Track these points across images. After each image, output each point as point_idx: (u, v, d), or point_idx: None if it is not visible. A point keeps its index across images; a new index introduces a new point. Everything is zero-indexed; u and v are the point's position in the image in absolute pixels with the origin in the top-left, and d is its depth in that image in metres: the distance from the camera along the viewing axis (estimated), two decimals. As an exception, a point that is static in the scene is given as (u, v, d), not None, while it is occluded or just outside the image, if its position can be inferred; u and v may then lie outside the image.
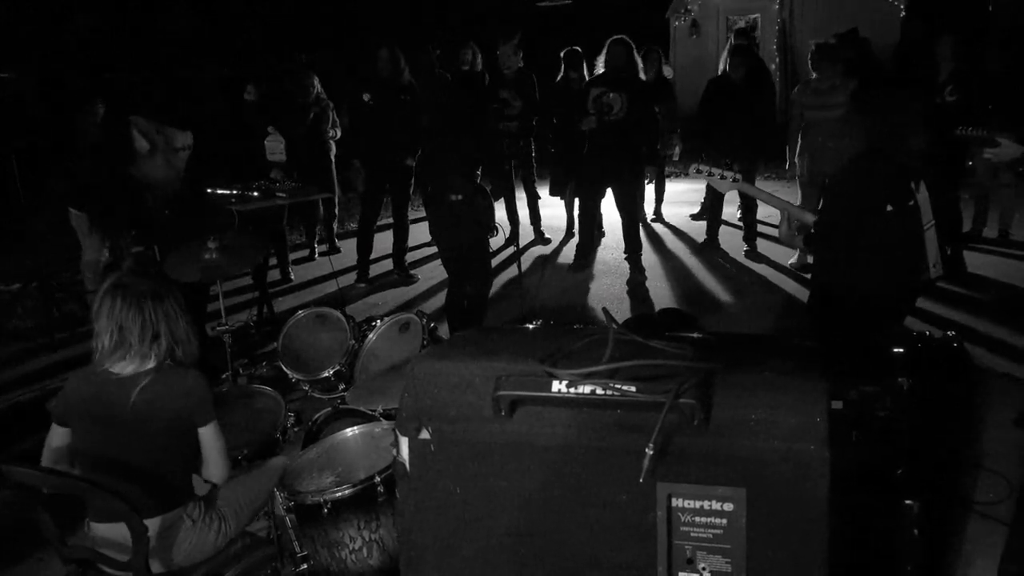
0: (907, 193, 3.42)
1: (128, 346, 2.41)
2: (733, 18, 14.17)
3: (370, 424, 3.14)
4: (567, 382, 1.77)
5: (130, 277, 2.48)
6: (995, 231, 7.18)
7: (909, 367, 2.83)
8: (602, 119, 6.33)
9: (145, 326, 2.41)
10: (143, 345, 2.41)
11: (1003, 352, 4.76)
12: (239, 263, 3.95)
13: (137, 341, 2.40)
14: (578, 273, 7.06)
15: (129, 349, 2.41)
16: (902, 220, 3.42)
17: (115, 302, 2.41)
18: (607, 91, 6.34)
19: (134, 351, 2.42)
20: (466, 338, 2.25)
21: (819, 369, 1.81)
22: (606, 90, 6.35)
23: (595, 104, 6.35)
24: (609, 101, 6.32)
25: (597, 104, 6.34)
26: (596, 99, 6.36)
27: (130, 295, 2.42)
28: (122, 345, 2.41)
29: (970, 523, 3.17)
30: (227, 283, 4.08)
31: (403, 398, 1.92)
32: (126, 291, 2.42)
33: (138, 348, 2.41)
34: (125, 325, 2.40)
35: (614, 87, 6.34)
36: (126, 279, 2.47)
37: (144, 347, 2.42)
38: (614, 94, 6.33)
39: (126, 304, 2.41)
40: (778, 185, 9.95)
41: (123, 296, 2.42)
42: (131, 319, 2.40)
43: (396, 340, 3.91)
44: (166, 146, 4.64)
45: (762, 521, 1.71)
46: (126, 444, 2.42)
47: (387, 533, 2.74)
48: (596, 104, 6.35)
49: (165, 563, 2.45)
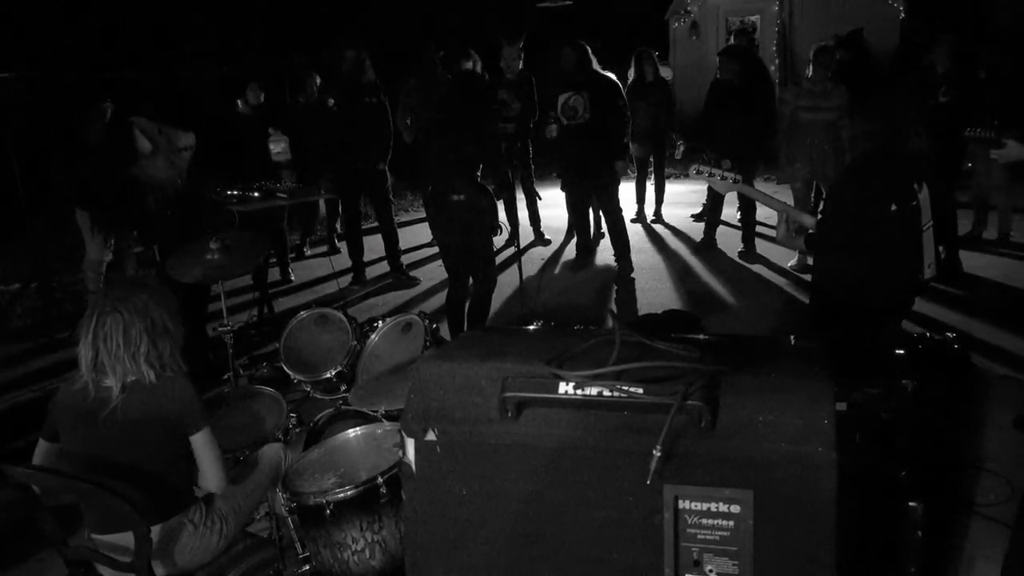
0: (910, 193, 3.43)
1: (116, 358, 2.38)
2: (733, 19, 14.18)
3: (372, 425, 3.13)
4: (574, 383, 1.77)
5: (118, 289, 2.46)
6: (995, 233, 7.19)
7: (911, 369, 2.84)
8: (570, 123, 6.41)
9: (133, 340, 2.38)
10: (130, 359, 2.38)
11: (1003, 353, 4.76)
12: (240, 263, 3.94)
13: (125, 354, 2.38)
14: (578, 274, 7.06)
15: (117, 363, 2.38)
16: (904, 220, 3.42)
17: (102, 313, 2.39)
18: (572, 95, 6.42)
19: (122, 363, 2.38)
20: (471, 339, 2.25)
21: (825, 371, 1.81)
22: (572, 94, 6.43)
23: (563, 109, 6.44)
24: (573, 104, 6.40)
25: (565, 109, 6.43)
26: (564, 104, 6.44)
27: (119, 309, 2.39)
28: (109, 358, 2.38)
29: (972, 524, 3.17)
30: (227, 283, 4.06)
31: (409, 399, 1.92)
32: (115, 306, 2.40)
33: (126, 361, 2.38)
34: (112, 335, 2.37)
35: (577, 90, 6.42)
36: (114, 291, 2.45)
37: (130, 360, 2.39)
38: (576, 96, 6.40)
39: (114, 320, 2.38)
40: (776, 187, 9.96)
41: (112, 312, 2.39)
42: (118, 330, 2.38)
43: (398, 341, 3.90)
44: (168, 146, 4.65)
45: (769, 523, 1.71)
46: (117, 453, 2.40)
47: (389, 534, 2.73)
48: (564, 109, 6.44)
49: (167, 566, 2.44)
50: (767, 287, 6.45)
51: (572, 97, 6.41)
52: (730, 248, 7.44)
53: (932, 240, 3.54)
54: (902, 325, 3.93)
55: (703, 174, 3.87)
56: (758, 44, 14.11)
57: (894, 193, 3.40)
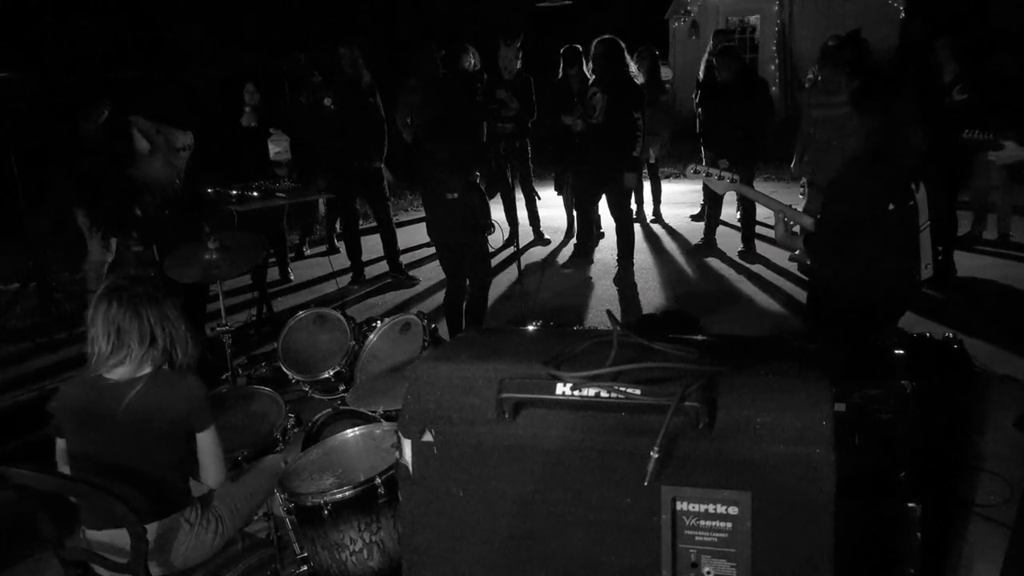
0: (908, 193, 3.43)
1: (127, 348, 2.38)
2: (733, 19, 14.18)
3: (371, 425, 3.12)
4: (571, 384, 1.76)
5: (125, 280, 2.45)
6: (995, 234, 7.18)
7: (911, 369, 2.83)
8: (586, 121, 6.37)
9: (143, 328, 2.38)
10: (141, 348, 2.38)
11: (1002, 354, 4.75)
12: (238, 264, 3.93)
13: (136, 344, 2.38)
14: (577, 274, 7.06)
15: (129, 352, 2.38)
16: (902, 220, 3.42)
17: (111, 306, 2.38)
18: (597, 91, 6.36)
19: (133, 355, 2.38)
20: (469, 340, 2.25)
21: (823, 372, 1.80)
22: (597, 91, 6.37)
23: (583, 104, 6.37)
24: (593, 103, 6.34)
25: (585, 104, 6.37)
26: (588, 99, 6.38)
27: (126, 298, 2.39)
28: (120, 348, 2.37)
29: (971, 525, 3.17)
30: (226, 283, 4.06)
31: (406, 400, 1.92)
32: (122, 294, 2.39)
33: (137, 351, 2.38)
34: (123, 327, 2.37)
35: (602, 89, 6.36)
36: (121, 282, 2.44)
37: (142, 350, 2.39)
38: (598, 95, 6.34)
39: (122, 307, 2.37)
40: (777, 186, 9.96)
41: (119, 299, 2.38)
42: (128, 322, 2.37)
43: (397, 341, 3.90)
44: (166, 146, 4.64)
45: (767, 525, 1.70)
46: (122, 450, 2.39)
47: (388, 535, 2.72)
48: (584, 104, 6.36)
49: (163, 566, 2.44)
50: (767, 287, 6.45)
51: (595, 95, 6.34)
52: (730, 248, 7.44)
53: (929, 240, 3.53)
54: (902, 325, 3.92)
55: (700, 173, 3.87)
56: (757, 44, 14.13)
57: (891, 193, 3.39)
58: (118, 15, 13.78)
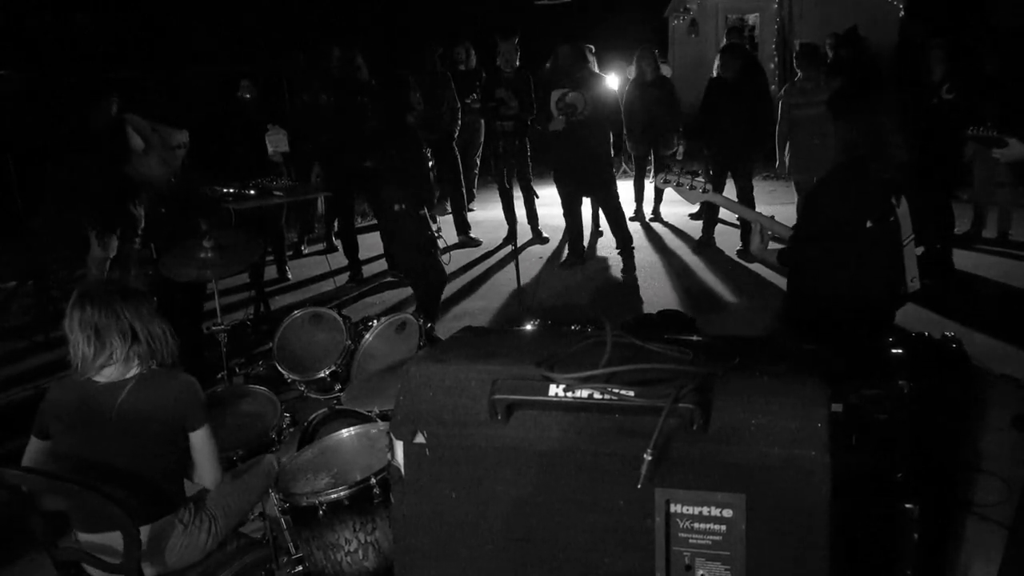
0: (887, 208, 3.31)
1: (110, 347, 2.35)
2: (732, 17, 14.15)
3: (366, 425, 3.11)
4: (564, 386, 1.75)
5: (93, 285, 2.45)
6: (994, 232, 7.17)
7: (908, 369, 2.82)
8: (569, 119, 6.38)
9: (122, 325, 2.36)
10: (124, 345, 2.36)
11: (1001, 353, 4.74)
12: (235, 262, 3.92)
13: (119, 341, 2.35)
14: (575, 272, 7.04)
15: (112, 351, 2.36)
16: (880, 236, 3.30)
17: (84, 309, 2.36)
18: (567, 91, 6.38)
19: (117, 353, 2.36)
20: (463, 340, 2.23)
21: (819, 373, 1.79)
22: (567, 90, 6.38)
23: (559, 105, 6.39)
24: (572, 101, 6.35)
25: (562, 105, 6.38)
26: (559, 100, 6.39)
27: (98, 299, 2.37)
28: (103, 349, 2.35)
29: (968, 525, 3.16)
30: (223, 281, 4.04)
31: (398, 401, 1.90)
32: (93, 297, 2.38)
33: (120, 349, 2.36)
34: (101, 327, 2.34)
35: (573, 87, 6.38)
36: (89, 287, 2.43)
37: (125, 347, 2.37)
38: (574, 94, 6.36)
39: (96, 308, 2.36)
40: (775, 185, 9.94)
41: (91, 302, 2.37)
42: (105, 320, 2.35)
43: (392, 340, 3.89)
44: (161, 144, 4.62)
45: (762, 527, 1.69)
46: (113, 452, 2.38)
47: (383, 535, 2.72)
48: (561, 105, 6.39)
49: (157, 566, 2.42)
50: (765, 286, 6.43)
51: (568, 94, 6.37)
52: (729, 247, 7.42)
53: (914, 253, 3.43)
54: (901, 324, 3.89)
55: (670, 183, 3.64)
56: (757, 42, 14.10)
57: (870, 208, 3.28)
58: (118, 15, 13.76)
